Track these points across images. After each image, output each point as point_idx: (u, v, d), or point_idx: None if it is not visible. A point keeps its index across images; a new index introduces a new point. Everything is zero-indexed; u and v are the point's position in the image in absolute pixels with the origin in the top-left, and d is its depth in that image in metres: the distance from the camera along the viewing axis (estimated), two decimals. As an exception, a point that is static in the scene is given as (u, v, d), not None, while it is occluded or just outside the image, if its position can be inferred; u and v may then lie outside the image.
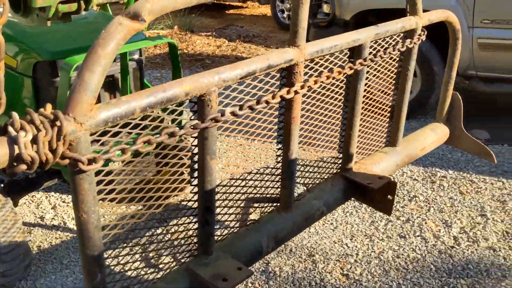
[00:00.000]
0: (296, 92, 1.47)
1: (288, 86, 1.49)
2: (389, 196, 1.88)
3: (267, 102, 1.39)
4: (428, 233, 2.79)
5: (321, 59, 1.62)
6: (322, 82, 1.55)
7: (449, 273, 2.48)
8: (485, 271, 2.48)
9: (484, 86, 3.99)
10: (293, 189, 1.68)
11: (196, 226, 1.43)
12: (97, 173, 1.08)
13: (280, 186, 1.68)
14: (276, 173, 1.67)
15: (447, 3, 3.88)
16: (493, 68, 3.91)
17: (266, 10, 10.79)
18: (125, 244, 1.32)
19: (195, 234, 1.44)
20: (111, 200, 1.21)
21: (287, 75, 1.50)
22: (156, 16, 1.07)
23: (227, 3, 11.17)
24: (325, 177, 1.90)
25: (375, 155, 2.09)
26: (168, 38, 2.41)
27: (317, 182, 1.87)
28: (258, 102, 1.36)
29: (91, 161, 1.01)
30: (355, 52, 1.73)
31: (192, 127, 1.20)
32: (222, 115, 1.27)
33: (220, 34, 8.19)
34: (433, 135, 2.30)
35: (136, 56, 2.59)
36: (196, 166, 1.36)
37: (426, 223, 2.89)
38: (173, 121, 2.27)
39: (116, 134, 1.13)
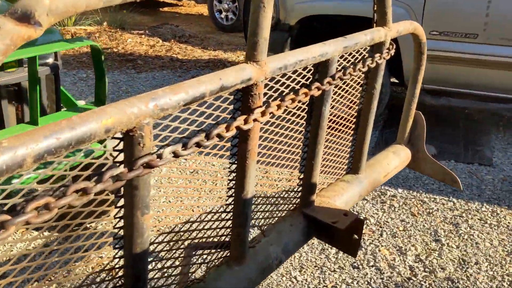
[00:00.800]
0: (255, 121, 1.15)
1: (245, 112, 1.16)
2: (355, 236, 1.61)
3: (219, 136, 1.05)
4: (382, 262, 2.57)
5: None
6: (286, 106, 1.24)
7: (407, 309, 2.27)
8: (445, 305, 2.29)
9: (431, 99, 3.88)
10: (247, 236, 1.35)
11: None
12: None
13: (231, 233, 1.35)
14: (226, 218, 1.34)
15: (395, 12, 3.71)
16: (441, 81, 3.80)
17: (202, 9, 10.39)
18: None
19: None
20: None
21: (243, 97, 1.18)
22: (60, 18, 0.70)
23: (161, 0, 10.66)
24: (283, 214, 1.60)
25: (337, 184, 1.81)
26: (90, 41, 1.98)
27: (273, 221, 1.56)
28: (208, 137, 1.02)
29: None
30: (321, 68, 1.44)
31: (115, 178, 0.84)
32: (159, 157, 0.92)
33: (154, 33, 7.68)
34: (396, 159, 2.06)
35: (50, 60, 2.10)
36: (121, 223, 1.00)
37: (379, 250, 2.67)
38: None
39: None
